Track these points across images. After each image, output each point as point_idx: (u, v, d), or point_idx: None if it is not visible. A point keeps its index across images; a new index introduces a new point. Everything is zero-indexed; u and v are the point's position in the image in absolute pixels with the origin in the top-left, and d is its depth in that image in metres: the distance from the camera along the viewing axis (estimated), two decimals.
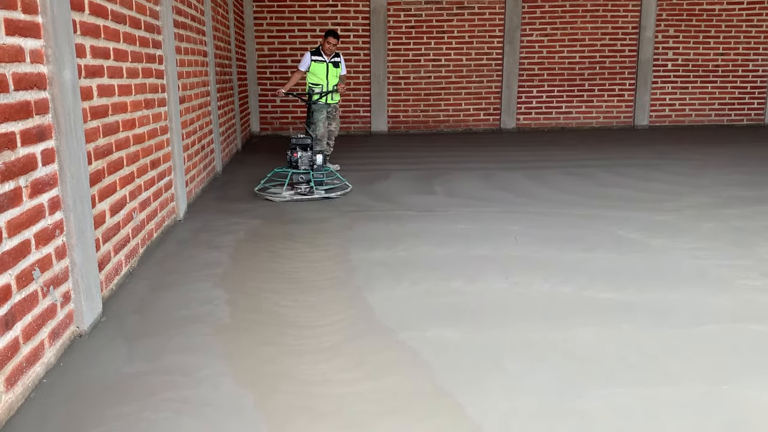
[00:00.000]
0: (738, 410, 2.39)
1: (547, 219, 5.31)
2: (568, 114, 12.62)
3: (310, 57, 7.62)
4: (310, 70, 7.64)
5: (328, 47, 7.54)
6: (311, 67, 7.61)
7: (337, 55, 7.69)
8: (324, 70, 7.60)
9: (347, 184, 6.63)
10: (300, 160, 6.42)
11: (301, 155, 6.42)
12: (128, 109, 4.08)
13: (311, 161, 6.44)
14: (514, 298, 3.55)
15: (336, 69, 7.68)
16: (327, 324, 3.22)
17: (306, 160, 6.43)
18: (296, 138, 6.54)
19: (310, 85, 7.66)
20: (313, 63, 7.59)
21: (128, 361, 2.83)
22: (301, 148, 6.47)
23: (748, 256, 4.22)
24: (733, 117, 12.86)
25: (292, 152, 6.47)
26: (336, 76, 7.68)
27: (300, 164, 6.42)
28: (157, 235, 4.68)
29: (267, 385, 2.62)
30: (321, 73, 7.60)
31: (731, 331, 3.08)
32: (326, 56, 7.58)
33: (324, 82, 7.60)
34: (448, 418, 2.37)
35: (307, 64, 7.62)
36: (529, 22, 12.17)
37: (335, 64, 7.66)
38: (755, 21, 12.40)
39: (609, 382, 2.60)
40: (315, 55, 7.61)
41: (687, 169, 7.68)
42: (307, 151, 6.47)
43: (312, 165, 6.45)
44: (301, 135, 6.62)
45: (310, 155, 6.45)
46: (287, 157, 6.54)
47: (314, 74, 7.63)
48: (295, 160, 6.44)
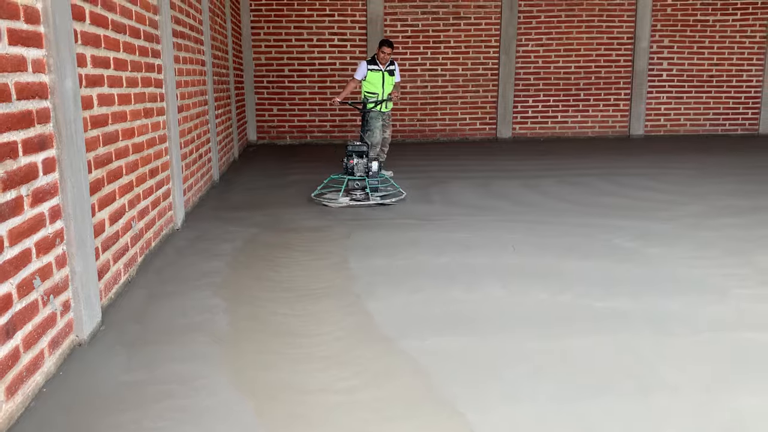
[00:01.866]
0: (736, 418, 2.40)
1: (544, 228, 5.34)
2: (564, 123, 12.69)
3: (366, 66, 7.71)
4: (367, 79, 7.72)
5: (382, 56, 7.65)
6: (368, 76, 7.69)
7: (391, 63, 7.79)
8: (380, 79, 7.69)
9: (401, 191, 6.70)
10: (356, 166, 6.49)
11: (357, 162, 6.49)
12: (127, 118, 4.09)
13: (367, 168, 6.51)
14: (513, 307, 3.56)
15: (391, 77, 7.78)
16: (325, 332, 3.23)
17: (362, 167, 6.50)
18: (352, 145, 6.61)
19: (366, 93, 7.73)
20: (370, 72, 7.68)
21: (127, 370, 2.83)
22: (357, 155, 6.54)
23: (743, 265, 4.24)
24: (727, 127, 12.95)
25: (348, 159, 6.54)
26: (391, 84, 7.79)
27: (356, 171, 6.49)
28: (156, 243, 4.68)
29: (265, 393, 2.62)
30: (377, 82, 7.69)
31: (728, 340, 3.10)
32: (381, 65, 7.66)
33: (380, 90, 7.71)
34: (448, 426, 2.38)
35: (364, 73, 7.71)
36: (524, 32, 12.25)
37: (390, 72, 7.76)
38: (749, 32, 12.51)
39: (607, 390, 2.61)
40: (371, 64, 7.71)
41: (682, 179, 7.73)
42: (363, 158, 6.54)
43: (368, 172, 6.51)
44: (357, 142, 6.72)
45: (365, 162, 6.52)
46: (343, 164, 6.62)
47: (371, 83, 7.72)
48: (351, 167, 6.51)
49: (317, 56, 12.06)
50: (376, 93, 7.70)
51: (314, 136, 12.33)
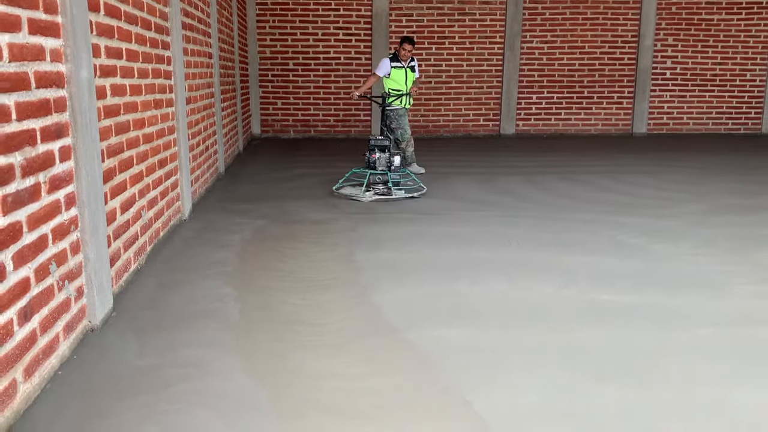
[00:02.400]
0: (737, 411, 2.46)
1: (548, 224, 5.39)
2: (567, 120, 12.73)
3: (389, 63, 7.76)
4: (391, 77, 7.78)
5: (404, 53, 7.70)
6: (392, 73, 7.76)
7: (412, 59, 7.85)
8: (403, 76, 7.77)
9: (422, 185, 6.75)
10: (378, 161, 6.54)
11: (379, 156, 6.55)
12: (138, 109, 4.14)
13: (389, 162, 6.56)
14: (518, 300, 3.62)
15: (413, 73, 7.86)
16: (334, 322, 3.28)
17: (384, 161, 6.56)
18: (375, 139, 6.68)
19: (390, 90, 7.78)
20: (393, 69, 7.75)
21: (140, 355, 2.89)
22: (379, 150, 6.59)
23: (745, 262, 4.29)
24: (730, 126, 12.98)
25: (370, 153, 6.59)
26: (412, 80, 7.87)
27: (378, 165, 6.55)
28: (164, 233, 4.73)
29: (278, 379, 2.67)
30: (401, 79, 7.77)
31: (729, 335, 3.15)
32: (404, 61, 7.74)
33: (404, 87, 7.78)
34: (455, 414, 2.43)
35: (387, 70, 7.77)
36: (529, 28, 12.28)
37: (412, 69, 7.84)
38: (753, 31, 12.53)
39: (609, 382, 2.67)
40: (394, 61, 7.76)
41: (685, 177, 7.77)
42: (385, 152, 6.60)
43: (389, 166, 6.57)
44: (379, 137, 6.77)
45: (387, 157, 6.58)
46: (365, 158, 6.68)
47: (394, 80, 7.78)
48: (373, 161, 6.56)
49: (322, 50, 12.09)
50: (400, 89, 7.78)
51: (318, 130, 12.37)
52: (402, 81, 7.76)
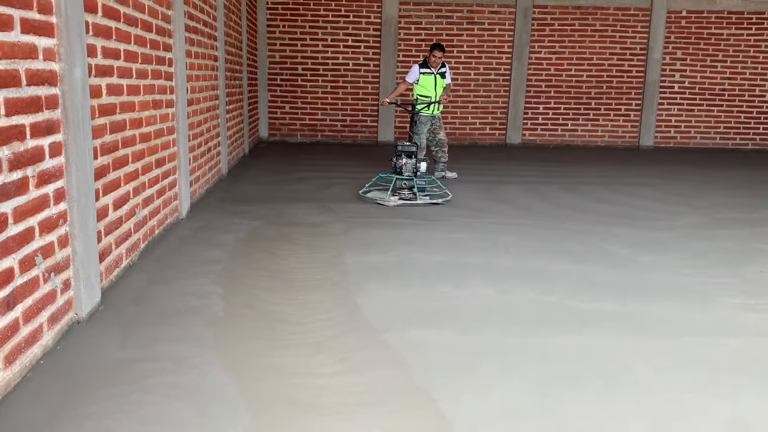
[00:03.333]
0: (700, 417, 2.49)
1: (542, 232, 5.42)
2: (574, 132, 12.74)
3: (419, 70, 7.86)
4: (420, 83, 7.88)
5: (434, 60, 7.78)
6: (420, 79, 7.85)
7: (443, 66, 7.93)
8: (432, 82, 7.86)
9: (447, 192, 6.84)
10: (404, 166, 6.65)
11: (405, 162, 6.66)
12: (136, 109, 4.23)
13: (415, 168, 6.67)
14: (498, 305, 3.66)
15: (443, 80, 7.93)
16: (315, 321, 3.34)
17: (410, 166, 6.65)
18: (402, 145, 6.78)
19: (419, 96, 7.88)
20: (422, 76, 7.85)
21: (122, 347, 2.96)
22: (406, 155, 6.70)
23: (732, 275, 4.31)
24: (738, 141, 12.94)
25: (397, 159, 6.71)
26: (442, 87, 7.94)
27: (404, 171, 6.65)
28: (159, 231, 4.82)
29: (253, 374, 2.74)
30: (430, 85, 7.86)
31: (705, 345, 3.18)
32: (433, 68, 7.82)
33: (433, 93, 7.87)
34: (421, 411, 2.48)
35: (416, 76, 7.87)
36: (538, 39, 12.32)
37: (442, 75, 7.92)
38: (762, 47, 12.50)
39: (578, 386, 2.70)
40: (423, 68, 7.86)
41: (686, 190, 7.77)
42: (412, 158, 6.70)
43: (416, 172, 6.66)
44: (406, 143, 6.90)
45: (414, 162, 6.68)
46: (392, 163, 6.79)
47: (423, 86, 7.88)
48: (399, 167, 6.67)
49: (331, 56, 12.20)
50: (429, 96, 7.86)
51: (325, 135, 12.47)
52: (431, 87, 7.84)
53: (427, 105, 7.69)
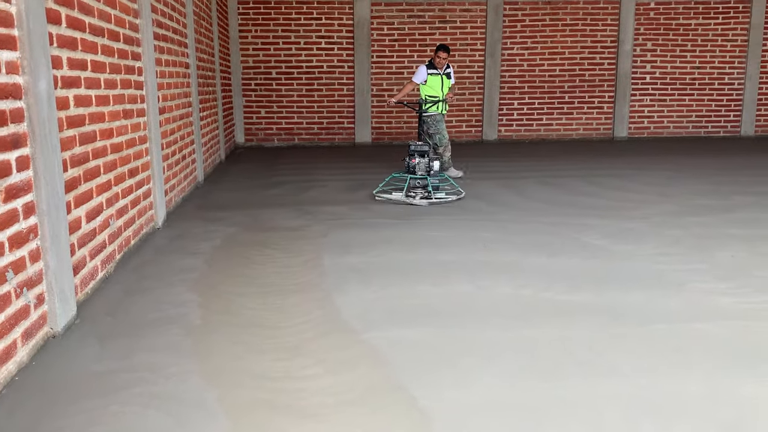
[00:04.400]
0: (673, 401, 2.53)
1: (517, 226, 5.47)
2: (549, 126, 12.85)
3: (426, 70, 7.93)
4: (427, 83, 7.94)
5: (439, 60, 7.86)
6: (428, 80, 7.92)
7: (448, 66, 8.01)
8: (439, 83, 7.94)
9: (460, 190, 6.92)
10: (418, 165, 6.71)
11: (418, 161, 6.73)
12: (106, 119, 4.20)
13: (428, 167, 6.73)
14: (477, 300, 3.69)
15: (449, 80, 8.01)
16: (293, 325, 3.34)
17: (423, 166, 6.73)
18: (414, 145, 6.86)
19: (427, 96, 7.94)
20: (430, 76, 7.92)
21: (99, 360, 2.94)
22: (419, 155, 6.77)
23: (704, 261, 4.39)
24: (710, 129, 13.13)
25: (410, 158, 6.77)
26: (448, 87, 8.02)
27: (417, 170, 6.71)
28: (135, 242, 4.79)
29: (231, 381, 2.73)
30: (437, 86, 7.93)
31: (678, 330, 3.23)
32: (439, 69, 7.89)
33: (440, 93, 7.94)
34: (401, 409, 2.50)
35: (424, 77, 7.94)
36: (509, 35, 12.41)
37: (448, 75, 7.99)
38: (730, 35, 12.70)
39: (556, 377, 2.74)
40: (430, 69, 7.93)
41: (659, 180, 7.88)
42: (425, 157, 6.77)
43: (429, 171, 6.74)
44: (419, 142, 6.97)
45: (427, 161, 6.76)
46: (405, 162, 6.85)
47: (430, 87, 7.95)
48: (413, 166, 6.73)
49: (305, 59, 12.19)
50: (437, 96, 7.93)
51: (302, 138, 12.45)
52: (438, 87, 7.93)
53: (435, 104, 7.77)
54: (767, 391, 2.61)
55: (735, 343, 3.08)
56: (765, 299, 3.66)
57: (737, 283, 3.92)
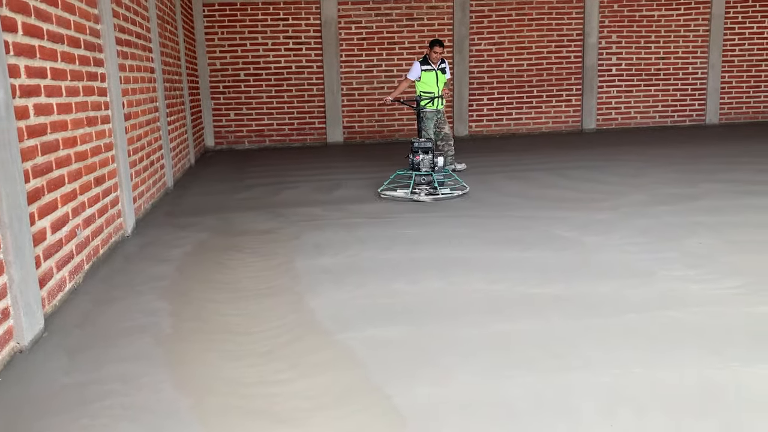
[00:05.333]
0: (647, 389, 2.56)
1: (490, 222, 5.50)
2: (519, 120, 12.94)
3: (420, 66, 7.89)
4: (422, 79, 7.90)
5: (434, 56, 7.83)
6: (422, 76, 7.87)
7: (442, 62, 7.97)
8: (434, 78, 7.89)
9: (465, 185, 6.92)
10: (422, 162, 6.72)
11: (422, 158, 6.73)
12: (69, 127, 4.12)
13: (432, 163, 6.72)
14: (451, 297, 3.70)
15: (444, 75, 7.96)
16: (267, 329, 3.32)
17: (427, 162, 6.73)
18: (418, 142, 6.86)
19: (422, 93, 7.91)
20: (424, 72, 7.87)
21: (68, 373, 2.89)
22: (422, 152, 6.78)
23: (673, 249, 4.45)
24: (676, 118, 13.35)
25: (414, 155, 6.77)
26: (444, 82, 7.98)
27: (422, 166, 6.72)
28: (104, 251, 4.71)
29: (205, 388, 2.70)
30: (432, 81, 7.89)
31: (650, 319, 3.28)
32: (434, 64, 7.85)
33: (435, 89, 7.90)
34: (377, 410, 2.49)
35: (418, 73, 7.90)
36: (477, 31, 12.47)
37: (442, 71, 7.95)
38: (692, 26, 12.92)
39: (531, 370, 2.76)
40: (424, 65, 7.89)
41: (628, 170, 7.98)
42: (429, 154, 6.76)
43: (433, 167, 6.73)
44: (422, 140, 6.97)
45: (431, 158, 6.75)
46: (409, 159, 6.85)
47: (425, 83, 7.91)
48: (417, 163, 6.74)
49: (273, 60, 12.11)
50: (432, 92, 7.90)
51: (273, 139, 12.37)
52: (433, 83, 7.90)
53: (431, 100, 7.78)
54: (736, 376, 2.66)
55: (705, 330, 3.12)
56: (732, 284, 3.72)
57: (706, 270, 3.99)
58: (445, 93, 7.97)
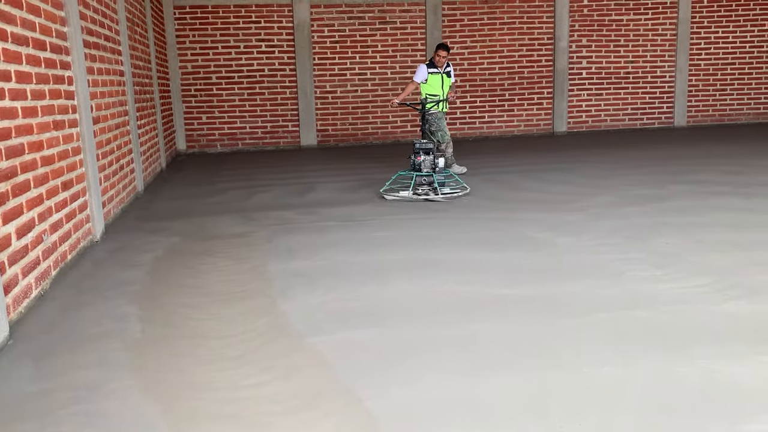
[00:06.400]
0: (616, 387, 2.60)
1: (462, 223, 5.53)
2: (491, 123, 13.04)
3: (426, 69, 7.92)
4: (428, 82, 7.93)
5: (439, 59, 7.86)
6: (428, 79, 7.90)
7: (448, 65, 8.01)
8: (439, 81, 7.94)
9: (465, 186, 6.99)
10: (423, 163, 6.78)
11: (423, 159, 6.79)
12: (35, 131, 4.05)
13: (433, 164, 6.80)
14: (423, 299, 3.71)
15: (449, 78, 8.00)
16: (238, 333, 3.29)
17: (428, 163, 6.79)
18: (419, 143, 6.91)
19: (427, 95, 7.92)
20: (430, 75, 7.91)
21: (33, 380, 2.83)
22: (424, 152, 6.84)
23: (641, 250, 4.52)
24: (645, 121, 13.57)
25: (415, 156, 6.82)
26: (449, 85, 8.01)
27: (423, 167, 6.77)
28: (72, 256, 4.63)
29: (175, 394, 2.67)
30: (437, 84, 7.93)
31: (618, 318, 3.32)
32: (440, 67, 7.87)
33: (440, 92, 7.94)
34: (348, 412, 2.49)
35: (424, 76, 7.94)
36: (449, 35, 12.54)
37: (448, 74, 7.99)
38: (660, 30, 13.16)
39: (501, 371, 2.78)
40: (430, 68, 7.93)
41: (598, 172, 8.09)
42: (430, 155, 6.82)
43: (434, 168, 6.80)
44: (423, 140, 7.01)
45: (432, 159, 6.82)
46: (410, 160, 6.90)
47: (431, 85, 7.95)
48: (418, 164, 6.80)
49: (245, 63, 12.04)
50: (437, 95, 7.94)
51: (246, 143, 12.29)
52: (438, 86, 7.95)
53: (436, 103, 7.81)
54: (701, 371, 2.71)
55: (671, 328, 3.18)
56: (699, 283, 3.80)
57: (673, 270, 4.06)
58: (450, 96, 8.00)
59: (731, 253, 4.38)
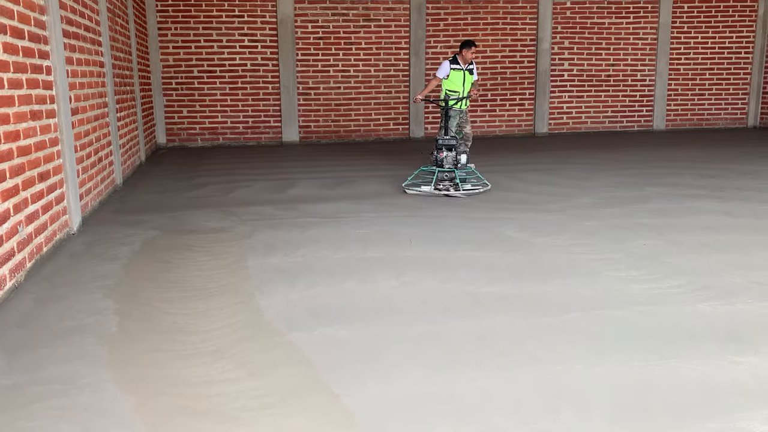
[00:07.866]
0: (591, 385, 2.63)
1: (442, 222, 5.55)
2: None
3: (449, 65, 7.85)
4: (449, 78, 7.85)
5: (468, 56, 7.78)
6: (450, 75, 7.83)
7: (470, 63, 7.93)
8: (461, 78, 7.84)
9: (486, 182, 7.03)
10: (445, 159, 6.82)
11: (446, 155, 6.83)
12: (11, 121, 3.99)
13: (455, 160, 6.83)
14: (402, 296, 3.72)
15: (471, 76, 7.93)
16: (215, 329, 3.28)
17: (450, 159, 6.83)
18: (442, 139, 6.95)
19: (448, 92, 7.86)
20: (452, 71, 7.82)
21: (6, 374, 2.79)
22: (446, 149, 6.86)
23: (618, 250, 4.58)
24: (625, 123, 13.71)
25: (438, 152, 6.87)
26: (470, 83, 7.94)
27: (445, 163, 6.81)
28: (48, 249, 4.58)
29: (150, 388, 2.65)
30: (459, 81, 7.84)
31: (593, 317, 3.36)
32: (463, 64, 7.81)
33: (461, 89, 7.85)
34: (325, 408, 2.49)
35: (447, 71, 7.84)
36: (433, 34, 12.57)
37: (470, 71, 7.91)
38: (641, 34, 13.30)
39: (476, 367, 2.80)
40: (453, 64, 7.84)
41: (578, 173, 8.17)
42: (452, 151, 6.84)
43: (456, 164, 6.83)
44: (446, 137, 7.03)
45: (454, 155, 6.85)
46: (433, 156, 6.90)
47: (452, 82, 7.86)
48: (440, 159, 6.83)
49: (228, 57, 11.95)
50: (458, 91, 7.88)
51: (227, 137, 12.21)
52: (459, 83, 7.88)
53: (458, 101, 7.78)
54: (672, 370, 2.75)
55: (645, 327, 3.23)
56: (674, 284, 3.85)
57: (648, 270, 4.12)
58: (473, 93, 8.00)
59: (706, 255, 4.45)
